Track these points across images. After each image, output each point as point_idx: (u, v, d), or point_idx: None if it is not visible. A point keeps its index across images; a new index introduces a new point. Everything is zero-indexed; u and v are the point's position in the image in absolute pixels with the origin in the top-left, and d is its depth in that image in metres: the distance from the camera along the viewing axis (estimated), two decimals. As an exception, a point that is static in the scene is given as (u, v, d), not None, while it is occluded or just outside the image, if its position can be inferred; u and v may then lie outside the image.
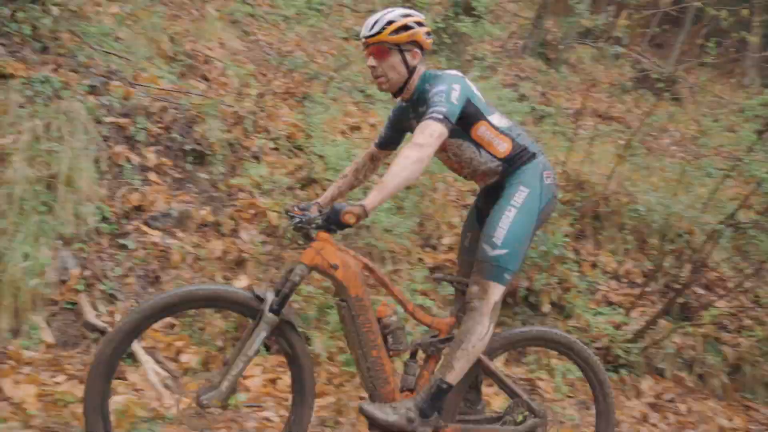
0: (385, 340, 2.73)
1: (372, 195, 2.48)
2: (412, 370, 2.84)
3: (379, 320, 2.72)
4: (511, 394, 2.90)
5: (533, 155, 2.83)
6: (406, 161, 2.49)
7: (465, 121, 2.71)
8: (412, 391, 2.79)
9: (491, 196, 2.85)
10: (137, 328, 2.53)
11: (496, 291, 2.71)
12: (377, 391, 2.72)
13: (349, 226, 2.48)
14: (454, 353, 2.67)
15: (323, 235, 2.63)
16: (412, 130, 2.76)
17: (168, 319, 3.74)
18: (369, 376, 2.72)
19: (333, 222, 2.48)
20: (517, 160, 2.81)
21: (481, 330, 2.68)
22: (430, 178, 5.46)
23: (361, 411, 2.70)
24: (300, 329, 2.75)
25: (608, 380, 3.03)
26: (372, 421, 2.66)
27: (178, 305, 2.63)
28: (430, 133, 2.52)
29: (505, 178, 2.82)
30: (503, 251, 2.68)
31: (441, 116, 2.53)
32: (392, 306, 2.84)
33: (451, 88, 2.61)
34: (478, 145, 2.79)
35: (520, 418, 2.78)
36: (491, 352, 2.86)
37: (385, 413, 2.64)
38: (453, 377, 2.67)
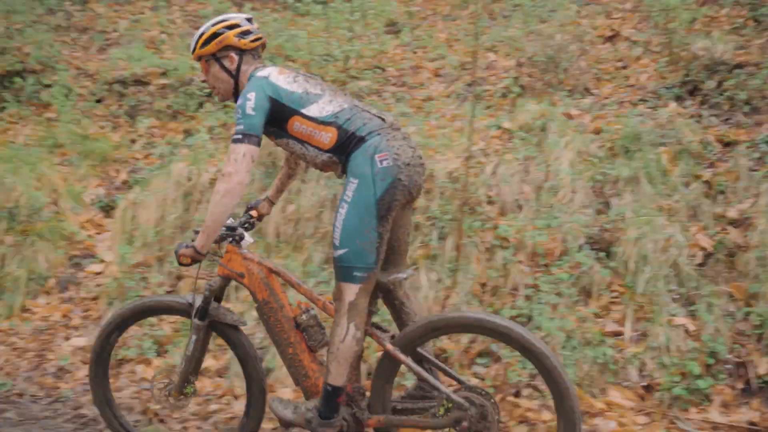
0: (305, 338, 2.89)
1: (200, 237, 2.67)
2: None
3: (294, 319, 2.87)
4: (431, 387, 2.79)
5: (361, 139, 2.61)
6: (217, 196, 2.57)
7: (277, 121, 2.68)
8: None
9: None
10: (110, 335, 3.16)
11: (349, 291, 2.63)
12: (300, 384, 2.89)
13: (186, 265, 2.74)
14: (328, 356, 2.71)
15: (229, 247, 2.93)
16: None
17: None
18: (290, 371, 2.91)
19: (176, 259, 2.77)
20: (345, 149, 2.64)
21: (340, 332, 2.66)
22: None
23: (269, 405, 2.95)
24: (237, 324, 3.01)
25: (560, 367, 2.59)
26: (276, 417, 2.88)
27: (131, 318, 3.18)
28: (234, 159, 2.53)
29: (346, 169, 2.68)
30: (343, 250, 2.60)
31: (240, 135, 2.54)
32: (305, 304, 2.92)
33: (246, 99, 2.57)
34: (301, 141, 2.70)
35: (441, 411, 2.70)
36: (411, 341, 2.76)
37: (286, 411, 2.85)
38: (333, 379, 2.69)
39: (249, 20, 2.86)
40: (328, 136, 2.63)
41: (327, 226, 4.71)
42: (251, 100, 2.57)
